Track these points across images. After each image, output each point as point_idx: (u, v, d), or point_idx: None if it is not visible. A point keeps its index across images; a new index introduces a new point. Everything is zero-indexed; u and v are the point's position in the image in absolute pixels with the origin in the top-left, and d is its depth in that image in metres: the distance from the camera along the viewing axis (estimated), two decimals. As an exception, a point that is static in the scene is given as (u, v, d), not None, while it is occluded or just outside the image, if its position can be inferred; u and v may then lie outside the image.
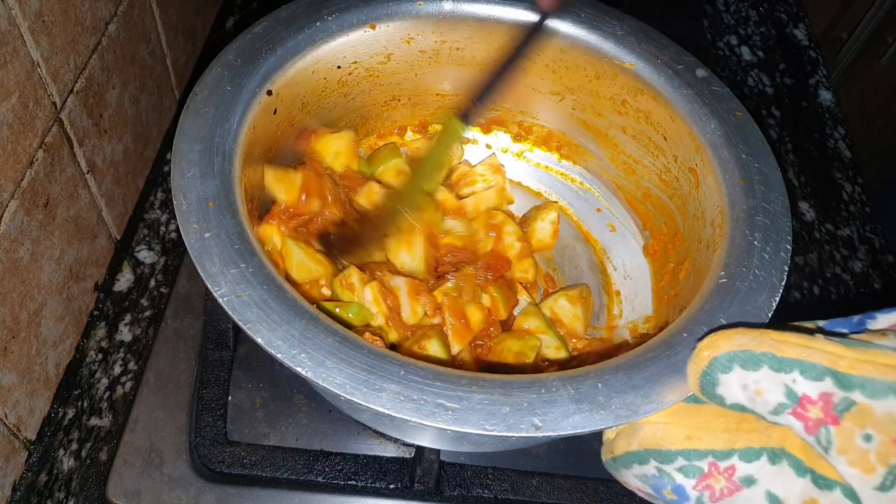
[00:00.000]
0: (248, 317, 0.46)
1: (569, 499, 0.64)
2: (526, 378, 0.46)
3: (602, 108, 0.72)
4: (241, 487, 0.63)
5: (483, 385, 0.44)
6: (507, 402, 0.44)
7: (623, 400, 0.45)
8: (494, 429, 0.42)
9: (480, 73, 0.71)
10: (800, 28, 1.22)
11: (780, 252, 0.54)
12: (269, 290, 0.47)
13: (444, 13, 0.70)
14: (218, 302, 0.46)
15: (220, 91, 0.58)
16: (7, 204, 0.57)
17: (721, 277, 0.52)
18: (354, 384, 0.43)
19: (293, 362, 0.44)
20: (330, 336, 0.46)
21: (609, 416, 0.44)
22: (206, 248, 0.49)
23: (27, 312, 0.62)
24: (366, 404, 0.43)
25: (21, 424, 0.64)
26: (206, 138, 0.55)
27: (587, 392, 0.45)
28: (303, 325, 0.46)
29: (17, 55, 0.55)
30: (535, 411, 0.44)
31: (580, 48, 0.69)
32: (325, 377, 0.44)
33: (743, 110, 0.64)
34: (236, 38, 0.62)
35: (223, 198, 0.52)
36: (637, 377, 0.46)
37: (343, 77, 0.70)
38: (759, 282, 0.52)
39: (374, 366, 0.45)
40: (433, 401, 0.43)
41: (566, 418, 0.44)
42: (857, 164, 1.02)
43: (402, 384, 0.44)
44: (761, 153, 0.61)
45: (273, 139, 0.65)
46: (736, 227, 0.56)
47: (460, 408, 0.43)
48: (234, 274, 0.48)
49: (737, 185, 0.59)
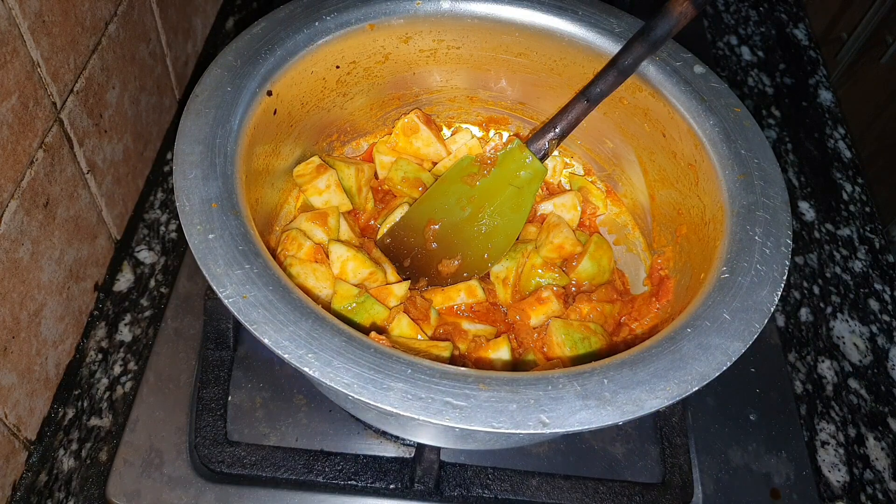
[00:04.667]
0: (255, 318, 0.46)
1: (569, 499, 0.64)
2: (532, 375, 0.46)
3: (601, 106, 0.72)
4: (241, 487, 0.63)
5: (489, 382, 0.44)
6: (513, 399, 0.44)
7: (629, 395, 0.45)
8: (502, 426, 0.43)
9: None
10: (800, 28, 1.22)
11: (781, 247, 0.54)
12: (274, 290, 0.47)
13: (443, 12, 0.70)
14: (223, 303, 0.46)
15: (220, 92, 0.58)
16: (7, 204, 0.57)
17: (723, 272, 0.53)
18: (362, 383, 0.44)
19: (301, 363, 0.44)
20: (336, 336, 0.46)
21: (615, 411, 0.44)
22: (210, 249, 0.49)
23: (27, 312, 0.62)
24: (374, 403, 0.43)
25: (21, 424, 0.64)
26: (208, 140, 0.55)
27: (593, 388, 0.45)
28: (309, 326, 0.46)
29: (17, 55, 0.55)
30: (542, 408, 0.44)
31: (578, 46, 0.69)
32: (332, 377, 0.44)
33: (741, 106, 0.64)
34: (235, 38, 0.62)
35: (226, 199, 0.52)
36: (642, 372, 0.46)
37: (342, 76, 0.70)
38: (760, 276, 0.52)
39: (382, 365, 0.45)
40: (441, 399, 0.43)
41: (573, 414, 0.44)
42: (857, 164, 1.02)
43: (409, 382, 0.44)
44: (760, 148, 0.61)
45: (273, 139, 0.65)
46: (736, 222, 0.56)
47: (468, 405, 0.43)
48: (239, 275, 0.48)
49: (736, 180, 0.59)
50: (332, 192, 0.70)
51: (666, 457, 0.68)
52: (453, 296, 0.68)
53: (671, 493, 0.66)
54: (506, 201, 0.71)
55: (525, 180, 0.70)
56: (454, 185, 0.72)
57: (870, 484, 0.73)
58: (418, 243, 0.72)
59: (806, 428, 0.76)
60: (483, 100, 0.79)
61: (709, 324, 0.49)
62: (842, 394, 0.79)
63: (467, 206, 0.71)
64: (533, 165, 0.69)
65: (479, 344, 0.64)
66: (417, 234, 0.72)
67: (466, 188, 0.72)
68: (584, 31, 0.68)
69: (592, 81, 0.66)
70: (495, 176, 0.71)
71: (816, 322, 0.85)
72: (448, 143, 0.78)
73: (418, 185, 0.75)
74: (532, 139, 0.70)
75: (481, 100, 0.79)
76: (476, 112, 0.81)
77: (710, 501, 0.68)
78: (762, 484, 0.69)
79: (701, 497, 0.67)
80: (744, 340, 0.48)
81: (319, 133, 0.73)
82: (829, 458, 0.74)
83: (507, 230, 0.71)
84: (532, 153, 0.69)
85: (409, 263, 0.71)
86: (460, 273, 0.70)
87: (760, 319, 0.49)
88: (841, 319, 0.86)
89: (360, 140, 0.79)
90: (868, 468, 0.74)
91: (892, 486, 0.73)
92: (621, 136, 0.73)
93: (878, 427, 0.77)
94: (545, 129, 0.69)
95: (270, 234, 0.68)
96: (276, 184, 0.68)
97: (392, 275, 0.69)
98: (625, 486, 0.65)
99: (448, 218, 0.72)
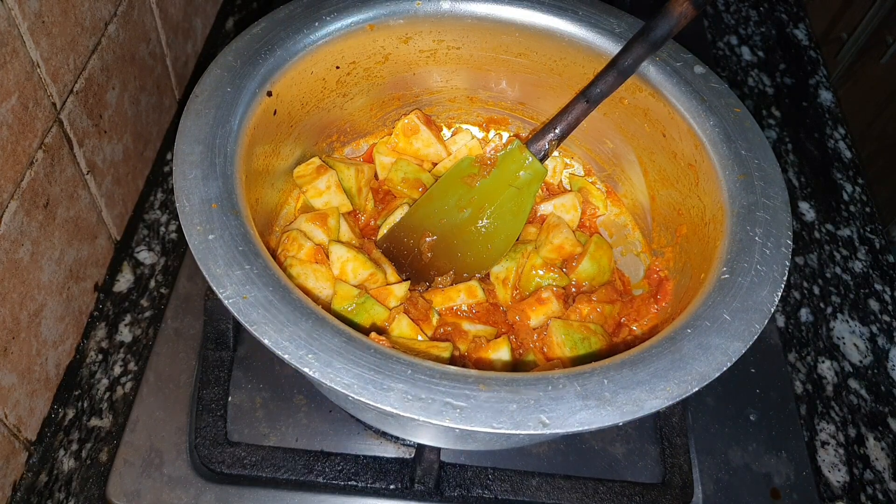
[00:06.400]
0: (254, 318, 0.46)
1: (569, 499, 0.64)
2: (532, 375, 0.46)
3: (602, 107, 0.72)
4: (241, 488, 0.63)
5: (489, 383, 0.44)
6: (513, 400, 0.44)
7: (629, 395, 0.45)
8: (502, 426, 0.42)
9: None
10: (800, 28, 1.22)
11: (781, 247, 0.54)
12: (274, 291, 0.47)
13: (443, 12, 0.70)
14: (223, 303, 0.46)
15: (220, 92, 0.58)
16: (7, 204, 0.57)
17: (723, 273, 0.53)
18: (362, 384, 0.43)
19: (300, 363, 0.44)
20: (336, 336, 0.46)
21: (615, 412, 0.44)
22: (209, 249, 0.49)
23: (27, 313, 0.62)
24: (374, 404, 0.43)
25: (21, 425, 0.64)
26: (208, 140, 0.55)
27: (593, 388, 0.45)
28: (309, 326, 0.46)
29: (16, 56, 0.55)
30: (542, 408, 0.43)
31: (578, 46, 0.69)
32: (332, 377, 0.44)
33: (741, 106, 0.64)
34: (235, 38, 0.62)
35: (226, 199, 0.52)
36: (642, 373, 0.46)
37: (342, 77, 0.70)
38: (760, 277, 0.52)
39: (382, 365, 0.45)
40: (441, 399, 0.43)
41: (573, 415, 0.44)
42: (857, 164, 1.02)
43: (409, 383, 0.44)
44: (760, 149, 0.61)
45: (273, 140, 0.65)
46: (736, 222, 0.56)
47: (468, 406, 0.43)
48: (239, 275, 0.48)
49: (736, 180, 0.59)
50: (333, 194, 0.70)
51: (666, 457, 0.68)
52: (453, 296, 0.68)
53: (671, 493, 0.66)
54: (505, 202, 0.71)
55: (525, 181, 0.70)
56: (454, 187, 0.72)
57: (870, 484, 0.73)
58: (417, 246, 0.72)
59: (806, 428, 0.76)
60: (483, 100, 0.79)
61: (709, 324, 0.49)
62: (842, 394, 0.79)
63: (467, 207, 0.71)
64: (533, 166, 0.69)
65: (480, 344, 0.64)
66: (417, 236, 0.72)
67: (466, 189, 0.72)
68: (585, 32, 0.68)
69: (592, 82, 0.66)
70: (495, 177, 0.71)
71: (816, 322, 0.85)
72: (448, 144, 0.78)
73: (418, 185, 0.75)
74: (532, 140, 0.70)
75: (481, 100, 0.79)
76: (476, 112, 0.81)
77: (710, 502, 0.68)
78: (762, 484, 0.69)
79: (701, 497, 0.67)
80: (744, 341, 0.48)
81: (319, 133, 0.73)
82: (829, 458, 0.74)
83: (507, 231, 0.71)
84: (532, 154, 0.69)
85: (408, 267, 0.72)
86: (459, 275, 0.71)
87: (760, 320, 0.49)
88: (841, 320, 0.86)
89: (360, 140, 0.79)
90: (868, 468, 0.74)
91: (893, 486, 0.73)
92: (621, 136, 0.73)
93: (879, 427, 0.77)
94: (545, 129, 0.69)
95: (270, 235, 0.68)
96: (276, 184, 0.68)
97: (392, 275, 0.69)
98: (625, 487, 0.65)
99: (448, 219, 0.72)
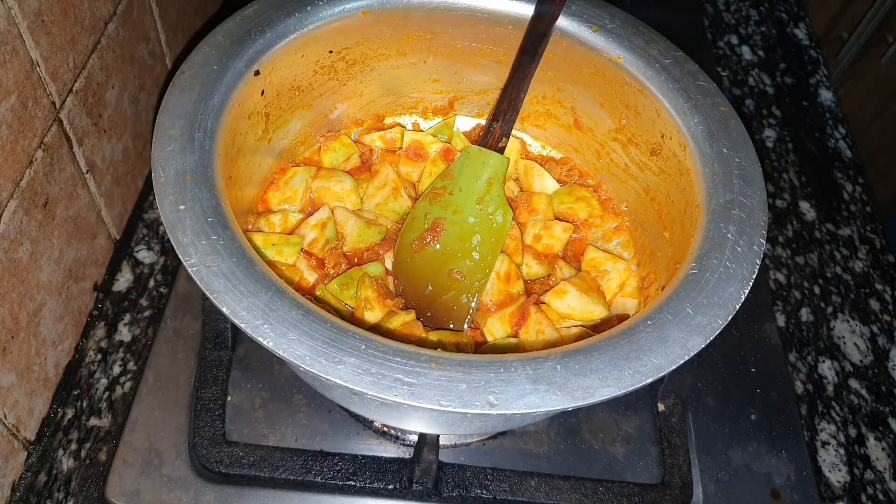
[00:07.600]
0: (216, 287, 0.46)
1: (568, 499, 0.64)
2: (486, 357, 0.46)
3: (594, 93, 0.72)
4: (240, 488, 0.63)
5: (442, 362, 0.45)
6: (464, 380, 0.44)
7: (580, 382, 0.45)
8: (450, 405, 0.43)
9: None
10: (800, 27, 1.22)
11: (754, 246, 0.54)
12: (238, 262, 0.48)
13: (437, 2, 0.70)
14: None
15: (206, 70, 0.59)
16: (6, 204, 0.57)
17: (692, 269, 0.52)
18: (314, 356, 0.44)
19: (256, 333, 0.45)
20: (294, 309, 0.46)
21: (565, 397, 0.44)
22: (179, 219, 0.49)
23: (26, 312, 0.62)
24: (325, 376, 0.43)
25: (20, 424, 0.64)
26: (189, 115, 0.56)
27: (545, 373, 0.45)
28: (268, 298, 0.46)
29: (16, 55, 0.55)
30: (492, 389, 0.44)
31: (570, 40, 0.69)
32: (286, 348, 0.44)
33: (728, 105, 0.64)
34: (226, 19, 0.63)
35: (201, 172, 0.53)
36: (596, 361, 0.46)
37: (335, 62, 0.70)
38: (729, 274, 0.52)
39: (336, 339, 0.45)
40: (391, 375, 0.44)
41: (522, 398, 0.44)
42: (857, 163, 1.02)
43: (361, 358, 0.44)
44: (742, 148, 0.61)
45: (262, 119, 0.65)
46: (711, 219, 0.56)
47: (417, 383, 0.44)
48: (206, 245, 0.48)
49: (716, 178, 0.59)
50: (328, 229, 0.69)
51: (666, 457, 0.68)
52: None
53: (671, 493, 0.66)
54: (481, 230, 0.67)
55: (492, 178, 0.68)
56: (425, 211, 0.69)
57: (870, 484, 0.73)
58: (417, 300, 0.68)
59: (806, 428, 0.76)
60: (475, 90, 0.79)
61: (670, 318, 0.49)
62: (842, 394, 0.79)
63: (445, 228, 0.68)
64: (491, 160, 0.68)
65: None
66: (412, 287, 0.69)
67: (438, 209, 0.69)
68: (576, 26, 0.68)
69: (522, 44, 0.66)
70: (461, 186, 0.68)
71: (817, 322, 0.85)
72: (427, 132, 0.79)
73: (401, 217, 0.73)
74: (482, 137, 0.69)
75: (473, 90, 0.79)
76: (469, 103, 0.81)
77: (711, 502, 0.67)
78: (763, 484, 0.69)
79: (701, 497, 0.67)
80: (704, 336, 0.48)
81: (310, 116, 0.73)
82: (829, 458, 0.74)
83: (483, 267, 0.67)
84: (487, 149, 0.68)
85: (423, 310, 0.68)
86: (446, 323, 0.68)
87: (724, 316, 0.49)
88: (841, 319, 0.85)
89: (350, 128, 0.79)
90: (869, 468, 0.74)
91: (893, 486, 0.73)
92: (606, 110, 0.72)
93: (879, 427, 0.77)
94: (491, 119, 0.69)
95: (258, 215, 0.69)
96: (263, 163, 0.69)
97: None
98: (624, 487, 0.65)
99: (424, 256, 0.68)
